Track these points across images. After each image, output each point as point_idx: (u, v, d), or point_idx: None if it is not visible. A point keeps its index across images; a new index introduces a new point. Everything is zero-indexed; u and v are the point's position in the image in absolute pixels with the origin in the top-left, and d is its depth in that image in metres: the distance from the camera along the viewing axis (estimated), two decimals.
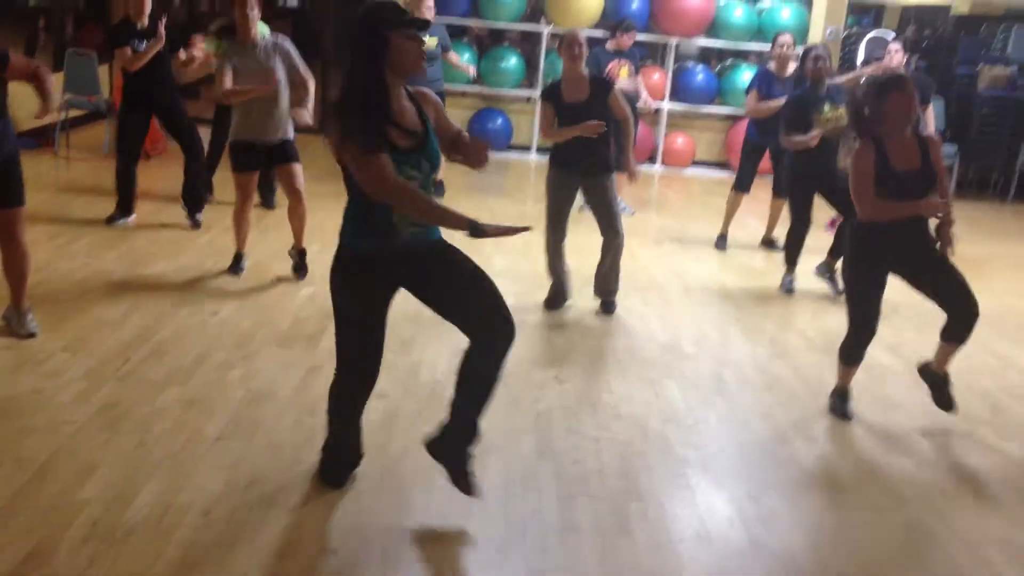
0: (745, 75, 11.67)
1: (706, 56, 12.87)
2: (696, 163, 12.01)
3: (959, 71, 12.05)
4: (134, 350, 4.77)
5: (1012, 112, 11.51)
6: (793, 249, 6.92)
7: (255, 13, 5.80)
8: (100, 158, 9.26)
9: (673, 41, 11.49)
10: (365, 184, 3.10)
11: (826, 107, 6.54)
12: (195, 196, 7.33)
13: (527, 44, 12.26)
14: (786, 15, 11.45)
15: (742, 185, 8.13)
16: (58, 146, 9.44)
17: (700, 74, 11.77)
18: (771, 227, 8.27)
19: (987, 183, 12.26)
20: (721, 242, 8.12)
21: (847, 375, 4.80)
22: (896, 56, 8.26)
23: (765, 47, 11.71)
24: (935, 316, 4.78)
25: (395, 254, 3.38)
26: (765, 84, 7.74)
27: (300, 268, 6.18)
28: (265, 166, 6.10)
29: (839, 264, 6.71)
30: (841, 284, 6.60)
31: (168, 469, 3.65)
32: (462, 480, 3.47)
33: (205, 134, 7.85)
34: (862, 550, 3.53)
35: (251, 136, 5.86)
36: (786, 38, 7.80)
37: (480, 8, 11.32)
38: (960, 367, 5.48)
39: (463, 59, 11.35)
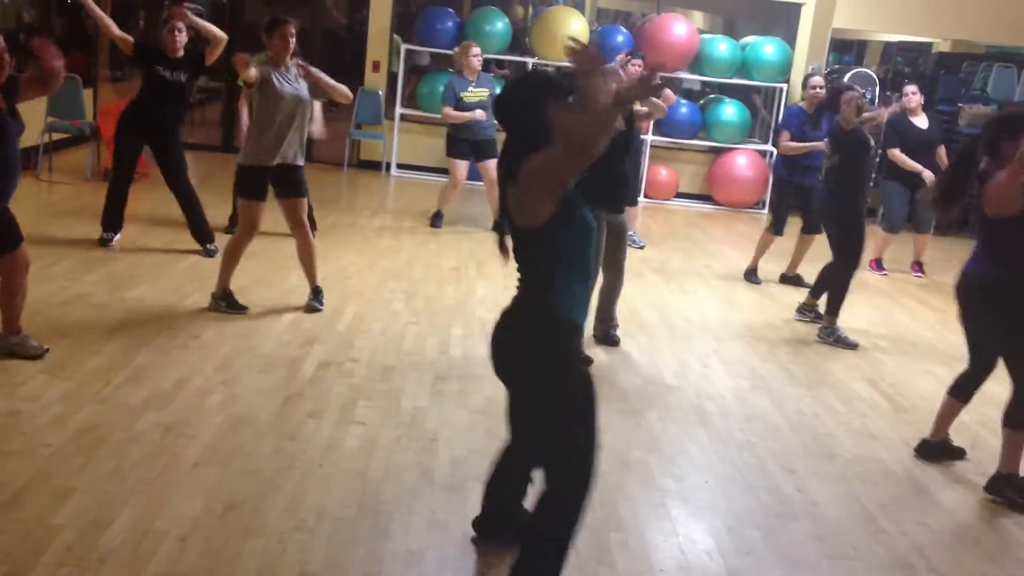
0: (729, 109, 11.79)
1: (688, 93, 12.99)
2: (679, 195, 12.07)
3: (939, 108, 12.18)
4: (113, 374, 4.74)
5: None
6: (841, 293, 6.60)
7: (292, 41, 5.75)
8: (82, 182, 9.24)
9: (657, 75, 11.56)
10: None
11: None
12: (201, 231, 7.29)
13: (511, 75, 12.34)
14: (769, 51, 11.57)
15: (778, 229, 8.13)
16: (40, 169, 9.41)
17: (684, 108, 11.86)
18: (796, 263, 8.31)
19: (967, 220, 12.35)
20: (753, 276, 8.20)
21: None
22: (914, 98, 8.46)
23: (748, 83, 11.86)
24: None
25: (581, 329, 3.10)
26: (797, 123, 7.98)
27: (315, 307, 6.06)
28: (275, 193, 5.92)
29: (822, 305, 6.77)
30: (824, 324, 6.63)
31: (145, 494, 3.62)
32: None
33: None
34: None
35: (264, 160, 5.70)
36: (818, 80, 8.19)
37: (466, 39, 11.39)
38: (938, 400, 5.51)
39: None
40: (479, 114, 8.55)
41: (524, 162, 2.80)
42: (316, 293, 6.09)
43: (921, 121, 8.62)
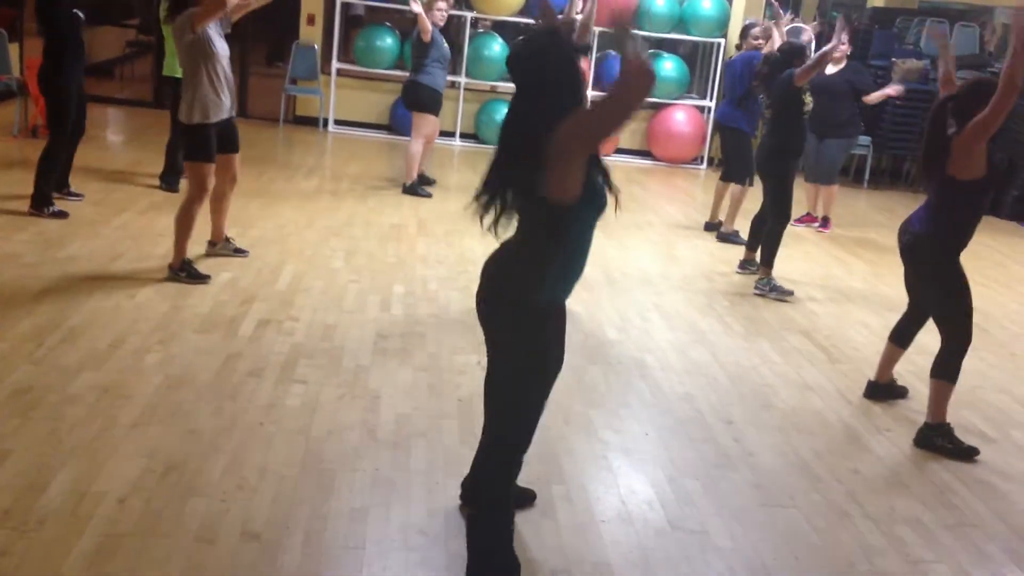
0: (667, 65, 11.80)
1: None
2: (619, 151, 12.10)
3: (873, 63, 12.33)
4: (47, 335, 4.64)
5: (924, 104, 11.81)
6: (774, 246, 6.73)
7: None
8: (10, 138, 8.98)
9: (596, 29, 11.54)
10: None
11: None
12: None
13: (450, 30, 12.20)
14: (707, 5, 11.59)
15: (752, 180, 8.15)
16: None
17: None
18: (717, 210, 8.52)
19: (899, 173, 12.59)
20: (735, 236, 8.22)
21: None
22: (841, 48, 8.48)
23: (687, 38, 11.87)
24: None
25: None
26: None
27: (240, 249, 6.21)
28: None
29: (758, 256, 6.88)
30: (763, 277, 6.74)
31: (82, 456, 3.57)
32: None
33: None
34: (777, 530, 3.62)
35: (216, 115, 5.57)
36: (758, 31, 8.34)
37: None
38: (871, 350, 5.64)
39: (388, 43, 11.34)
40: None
41: (558, 124, 2.70)
42: (229, 241, 6.24)
43: (831, 68, 8.66)
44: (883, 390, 5.03)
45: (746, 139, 8.24)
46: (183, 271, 5.64)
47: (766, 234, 6.79)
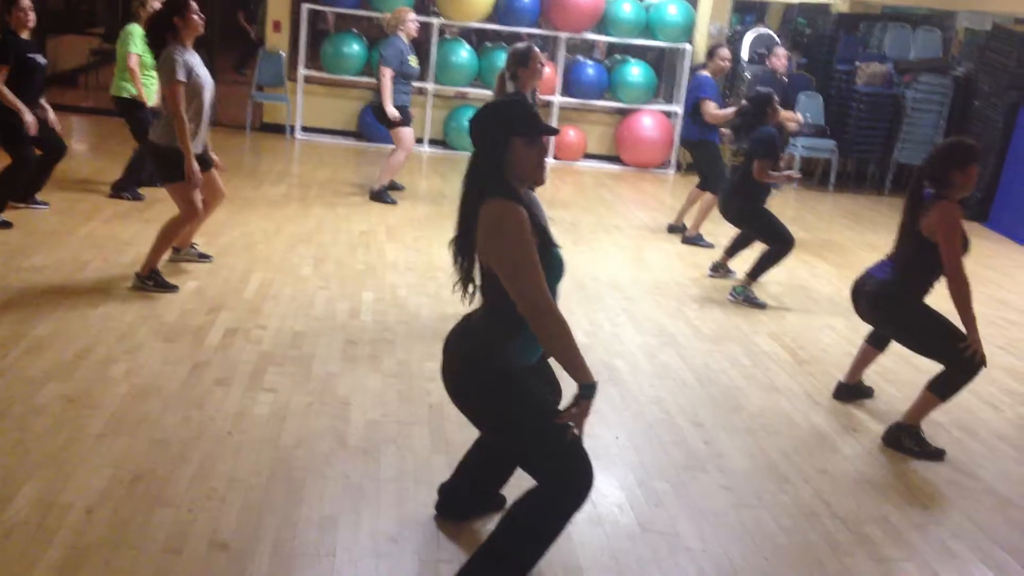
0: (635, 70, 11.85)
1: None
2: (587, 156, 12.14)
3: (838, 68, 12.45)
4: (11, 345, 4.59)
5: (888, 108, 11.95)
6: (768, 265, 6.71)
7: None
8: None
9: (563, 36, 11.58)
10: (525, 287, 2.77)
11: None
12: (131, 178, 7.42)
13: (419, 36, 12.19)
14: (673, 11, 11.64)
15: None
16: None
17: (591, 69, 11.90)
18: (684, 213, 8.66)
19: (864, 176, 12.70)
20: (700, 240, 8.34)
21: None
22: (782, 60, 8.82)
23: (653, 43, 11.94)
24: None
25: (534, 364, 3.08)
26: (714, 92, 8.26)
27: (204, 255, 6.22)
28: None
29: (733, 263, 6.93)
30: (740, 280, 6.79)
31: (49, 468, 3.53)
32: None
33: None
34: (746, 531, 3.64)
35: (195, 147, 5.54)
36: (726, 52, 8.43)
37: (370, 0, 11.23)
38: (838, 352, 5.69)
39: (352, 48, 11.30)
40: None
41: (514, 280, 2.77)
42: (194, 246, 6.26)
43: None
44: (852, 391, 5.08)
45: (713, 148, 8.34)
46: (151, 280, 5.59)
47: (766, 254, 6.71)
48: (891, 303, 4.61)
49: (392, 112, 8.37)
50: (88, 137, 10.65)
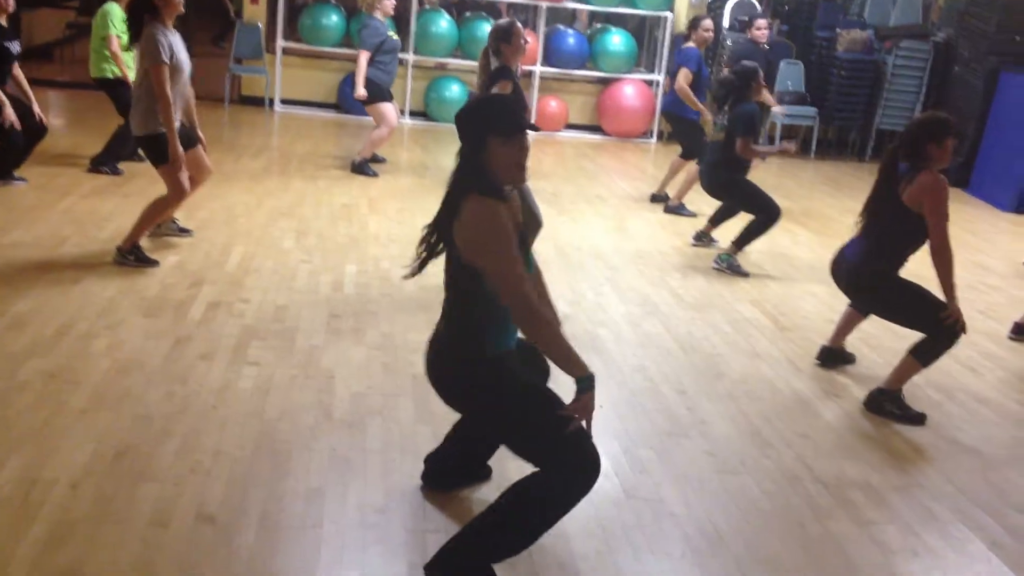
0: (615, 39, 11.81)
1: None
2: (569, 126, 12.11)
3: (818, 34, 12.43)
4: None
5: (868, 74, 11.96)
6: (754, 235, 6.73)
7: None
8: None
9: (544, 5, 11.51)
10: (508, 286, 2.77)
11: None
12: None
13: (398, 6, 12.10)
14: None
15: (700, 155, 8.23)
16: None
17: (571, 38, 11.85)
18: (667, 183, 8.67)
19: (845, 143, 12.74)
20: (683, 208, 8.36)
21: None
22: (763, 32, 8.81)
23: (634, 12, 11.89)
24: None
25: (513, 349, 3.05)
26: (697, 63, 8.24)
27: (184, 229, 6.17)
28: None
29: (717, 232, 6.94)
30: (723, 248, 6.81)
31: (32, 443, 3.52)
32: None
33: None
34: (729, 496, 3.67)
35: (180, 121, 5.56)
36: (709, 23, 8.41)
37: None
38: (819, 318, 5.73)
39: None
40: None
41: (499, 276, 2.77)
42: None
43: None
44: (835, 355, 5.11)
45: (693, 122, 8.35)
46: (132, 254, 5.55)
47: (752, 224, 6.71)
48: (868, 283, 4.66)
49: (360, 92, 8.31)
50: (65, 112, 10.55)
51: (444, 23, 11.47)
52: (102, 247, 5.78)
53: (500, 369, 2.94)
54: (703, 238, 7.33)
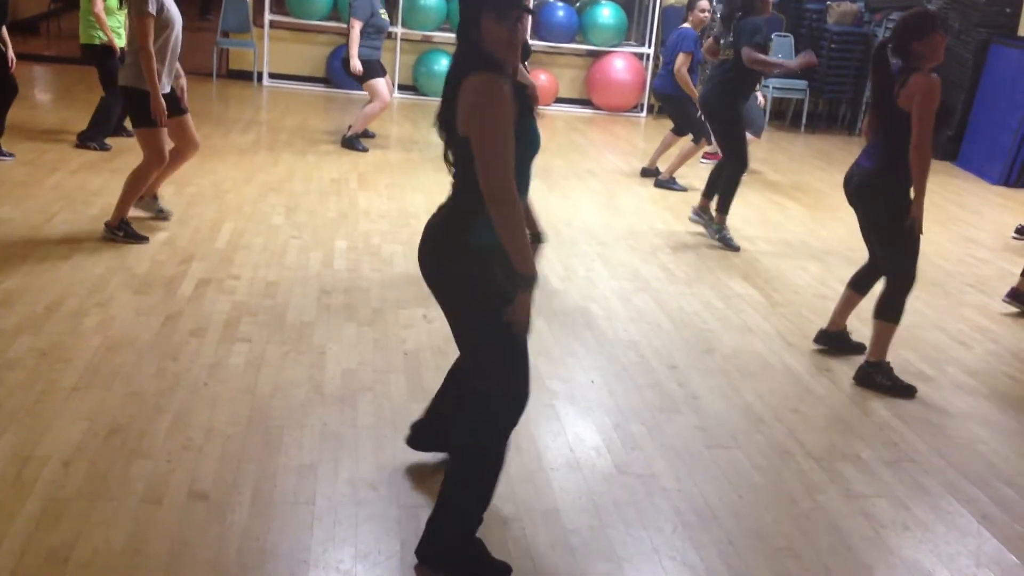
0: (605, 12, 11.75)
1: None
2: (559, 100, 12.06)
3: (808, 7, 12.39)
4: None
5: (859, 47, 11.93)
6: (730, 193, 6.73)
7: None
8: None
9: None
10: (489, 157, 2.70)
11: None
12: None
13: None
14: None
15: (707, 137, 8.21)
16: None
17: (561, 11, 11.78)
18: (658, 157, 8.66)
19: (835, 116, 12.73)
20: (673, 183, 8.33)
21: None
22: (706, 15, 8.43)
23: None
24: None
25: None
26: (694, 45, 8.08)
27: (162, 210, 6.03)
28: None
29: (713, 204, 6.88)
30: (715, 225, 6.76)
31: (24, 421, 3.51)
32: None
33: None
34: (721, 471, 3.68)
35: (162, 87, 5.44)
36: (705, 3, 8.23)
37: None
38: (811, 293, 5.74)
39: None
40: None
41: (482, 147, 2.71)
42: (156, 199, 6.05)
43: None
44: (832, 339, 5.00)
45: (686, 100, 8.26)
46: (120, 230, 5.52)
47: (723, 181, 6.75)
48: (876, 192, 4.56)
49: (356, 66, 8.24)
50: (52, 86, 10.46)
51: None
52: (91, 223, 5.75)
53: (481, 263, 2.89)
54: (703, 214, 7.06)
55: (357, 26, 8.20)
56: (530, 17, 2.84)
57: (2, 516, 2.96)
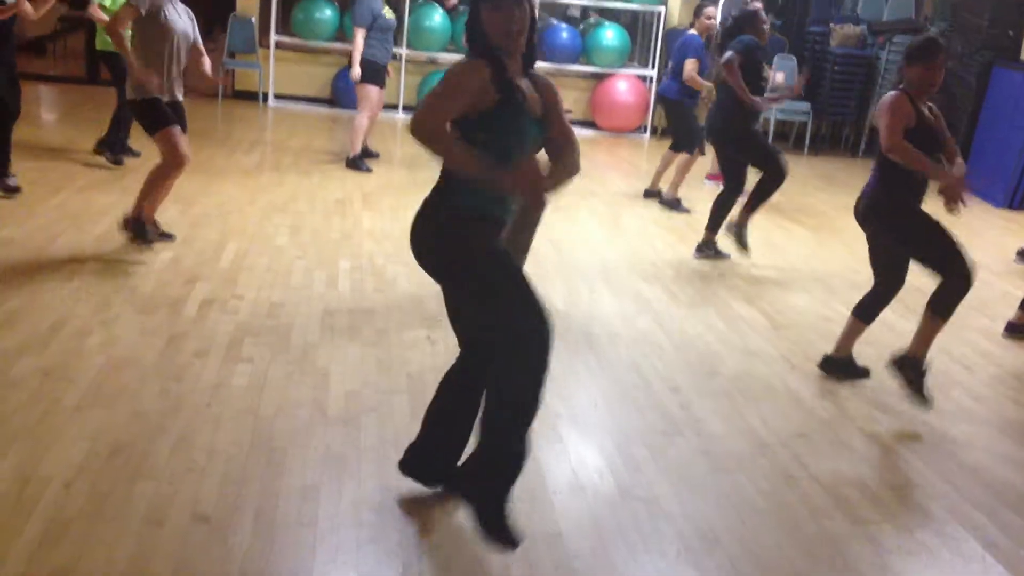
0: (609, 34, 11.80)
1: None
2: None
3: (812, 29, 12.44)
4: None
5: (862, 70, 11.97)
6: (722, 213, 6.77)
7: None
8: None
9: (537, 0, 11.50)
10: (417, 115, 2.84)
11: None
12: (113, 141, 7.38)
13: None
14: None
15: (701, 148, 8.28)
16: None
17: (565, 33, 11.83)
18: (659, 177, 8.63)
19: (839, 139, 12.75)
20: (678, 205, 8.32)
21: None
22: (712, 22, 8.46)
23: (627, 7, 11.88)
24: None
25: (497, 218, 3.06)
26: (701, 51, 8.08)
27: (165, 234, 5.96)
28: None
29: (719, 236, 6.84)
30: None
31: (26, 441, 3.51)
32: (497, 529, 3.03)
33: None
34: (725, 495, 3.67)
35: (166, 95, 5.54)
36: (712, 10, 8.27)
37: None
38: (814, 316, 5.73)
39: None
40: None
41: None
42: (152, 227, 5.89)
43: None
44: (838, 365, 4.91)
45: (687, 109, 8.29)
46: (133, 230, 5.64)
47: (717, 199, 6.76)
48: (881, 211, 4.56)
49: (355, 73, 8.24)
50: (58, 106, 10.51)
51: (437, 16, 11.44)
52: (96, 242, 5.76)
53: (457, 225, 2.98)
54: (706, 249, 6.90)
55: (360, 33, 8.20)
56: (527, 6, 2.93)
57: (4, 536, 2.95)
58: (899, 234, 4.58)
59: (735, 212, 6.84)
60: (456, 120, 2.92)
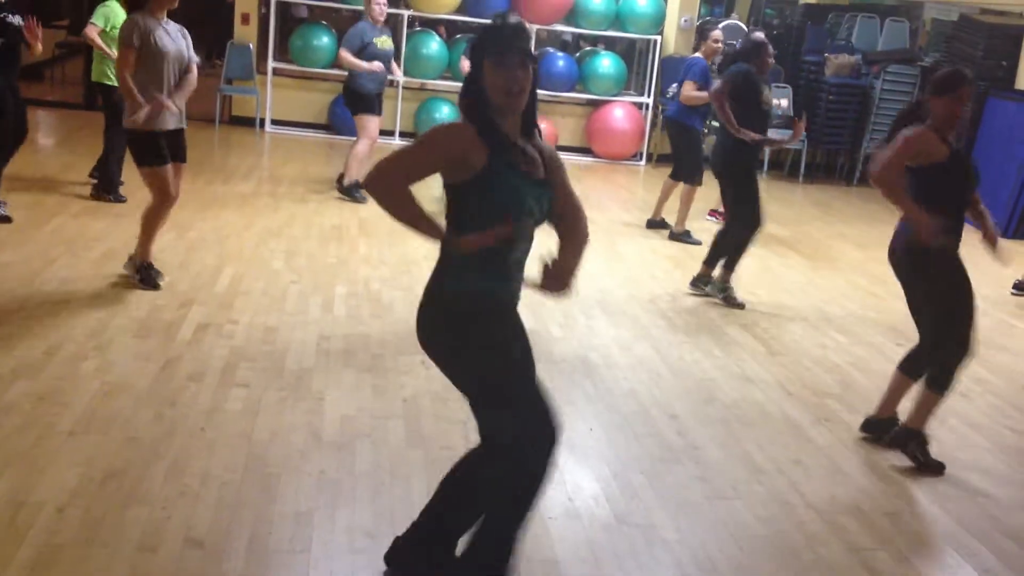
0: (605, 62, 11.86)
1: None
2: (559, 148, 12.12)
3: (806, 59, 12.52)
4: None
5: (856, 99, 12.04)
6: (739, 253, 6.52)
7: None
8: None
9: (533, 27, 11.56)
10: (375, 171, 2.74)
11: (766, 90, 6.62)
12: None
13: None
14: (642, 3, 11.66)
15: (700, 179, 8.21)
16: None
17: (561, 60, 11.89)
18: (661, 207, 8.58)
19: (833, 167, 12.80)
20: (687, 236, 8.24)
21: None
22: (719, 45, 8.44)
23: (623, 35, 11.95)
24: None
25: (503, 301, 2.93)
26: (704, 73, 8.02)
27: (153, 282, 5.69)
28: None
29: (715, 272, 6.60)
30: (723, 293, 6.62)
31: (19, 466, 3.49)
32: None
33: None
34: (721, 522, 3.65)
35: (165, 123, 5.42)
36: (718, 33, 8.23)
37: None
38: (810, 343, 5.73)
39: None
40: (376, 66, 8.12)
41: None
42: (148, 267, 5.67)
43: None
44: (881, 427, 4.54)
45: (697, 137, 8.28)
46: (140, 274, 5.55)
47: (733, 240, 6.48)
48: (902, 256, 4.35)
49: (349, 59, 8.18)
50: (54, 132, 10.53)
51: (434, 44, 11.50)
52: (92, 267, 5.76)
53: (460, 311, 2.85)
54: (700, 283, 6.71)
55: (342, 53, 8.20)
56: (531, 68, 2.80)
57: None
58: (926, 273, 4.31)
59: (717, 272, 6.64)
60: (448, 186, 2.80)
